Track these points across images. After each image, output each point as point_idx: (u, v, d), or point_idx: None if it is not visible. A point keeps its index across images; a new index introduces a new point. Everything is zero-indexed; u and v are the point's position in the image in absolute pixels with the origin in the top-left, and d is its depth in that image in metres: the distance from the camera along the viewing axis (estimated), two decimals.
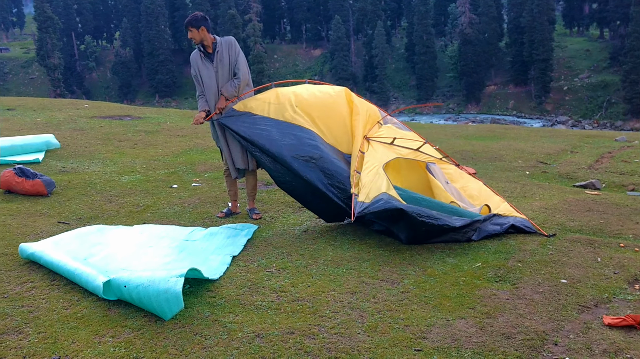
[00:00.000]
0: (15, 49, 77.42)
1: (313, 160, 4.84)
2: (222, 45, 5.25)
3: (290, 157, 4.84)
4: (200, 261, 4.27)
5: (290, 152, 4.86)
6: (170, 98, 66.41)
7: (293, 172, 4.85)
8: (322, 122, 5.13)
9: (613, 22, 57.18)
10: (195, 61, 5.31)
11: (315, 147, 4.92)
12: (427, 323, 3.27)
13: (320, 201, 4.91)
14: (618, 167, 8.29)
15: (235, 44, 5.31)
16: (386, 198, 4.41)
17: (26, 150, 8.85)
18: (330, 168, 4.84)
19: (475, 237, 4.64)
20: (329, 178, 4.81)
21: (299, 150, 4.88)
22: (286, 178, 4.95)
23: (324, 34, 73.48)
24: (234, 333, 3.17)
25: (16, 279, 3.98)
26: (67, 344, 3.07)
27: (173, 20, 70.70)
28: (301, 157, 4.85)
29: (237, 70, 5.25)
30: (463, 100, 59.98)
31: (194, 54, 5.33)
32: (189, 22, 5.18)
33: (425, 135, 12.13)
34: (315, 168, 4.82)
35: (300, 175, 4.82)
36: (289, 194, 5.19)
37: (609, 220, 5.31)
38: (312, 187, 4.81)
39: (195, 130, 11.96)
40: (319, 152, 4.90)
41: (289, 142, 4.92)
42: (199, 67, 5.28)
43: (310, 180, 4.79)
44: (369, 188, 4.57)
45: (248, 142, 5.02)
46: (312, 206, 5.12)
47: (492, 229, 4.72)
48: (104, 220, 5.50)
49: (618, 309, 3.45)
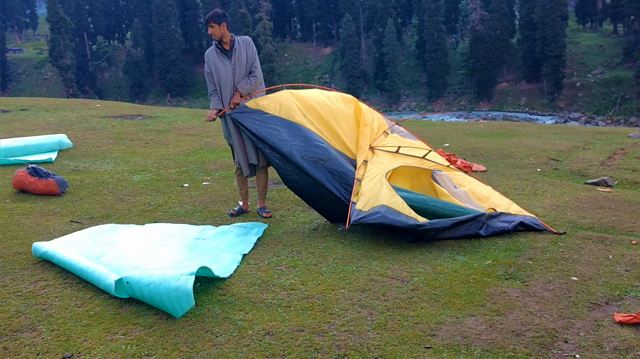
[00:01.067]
0: (29, 49, 78.18)
1: (321, 161, 4.93)
2: (240, 43, 5.34)
3: (300, 157, 4.93)
4: (211, 259, 4.30)
5: (300, 152, 4.95)
6: (182, 97, 66.72)
7: (302, 171, 4.92)
8: (330, 129, 5.23)
9: (627, 17, 56.44)
10: (211, 57, 5.34)
11: (323, 149, 5.02)
12: (436, 321, 3.27)
13: (327, 201, 4.97)
14: (631, 163, 8.21)
15: (252, 43, 5.43)
16: (384, 211, 4.47)
17: (39, 149, 8.95)
18: (339, 170, 4.93)
19: (483, 232, 4.65)
20: (337, 179, 4.90)
21: (308, 151, 4.97)
22: (294, 177, 5.01)
23: (334, 32, 73.38)
24: (244, 331, 3.19)
25: (30, 277, 4.04)
26: (80, 342, 3.11)
27: (184, 20, 71.00)
28: (310, 158, 4.94)
29: (254, 68, 5.36)
30: (474, 97, 59.62)
31: (209, 50, 5.36)
32: (212, 18, 5.22)
33: (435, 133, 12.05)
34: (323, 169, 4.91)
35: (309, 175, 4.89)
36: (295, 192, 5.24)
37: (621, 217, 5.27)
38: (321, 187, 4.88)
39: (205, 129, 12.03)
40: (327, 154, 5.00)
41: (299, 144, 5.01)
42: (215, 63, 5.31)
43: (319, 180, 4.87)
44: (369, 196, 4.63)
45: (258, 139, 5.08)
46: (319, 206, 5.16)
47: (501, 226, 4.72)
48: (115, 219, 5.56)
49: (629, 306, 3.42)
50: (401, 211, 4.53)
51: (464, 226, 4.63)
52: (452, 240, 4.61)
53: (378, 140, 5.33)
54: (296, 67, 71.38)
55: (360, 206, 4.58)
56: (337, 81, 68.14)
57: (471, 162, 8.20)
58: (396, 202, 4.58)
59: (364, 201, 4.62)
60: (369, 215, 4.48)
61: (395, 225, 4.44)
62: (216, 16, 5.23)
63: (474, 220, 4.67)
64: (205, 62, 5.42)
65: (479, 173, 7.52)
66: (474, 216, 4.68)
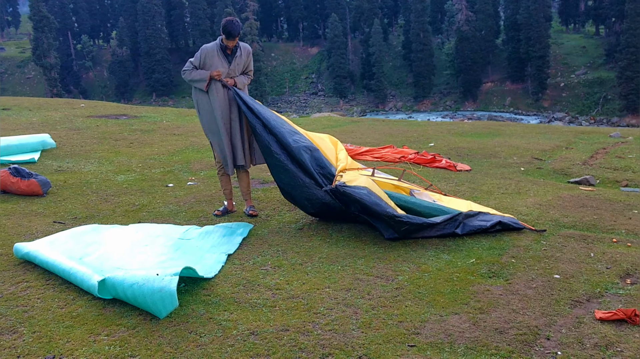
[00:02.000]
0: (11, 48, 77.16)
1: (309, 150, 5.11)
2: (242, 51, 5.40)
3: (291, 139, 5.08)
4: (195, 259, 4.29)
5: (291, 136, 5.12)
6: (167, 97, 66.30)
7: (289, 152, 5.04)
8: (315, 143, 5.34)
9: (608, 19, 57.26)
10: (209, 52, 5.26)
11: (311, 143, 5.21)
12: (420, 319, 3.29)
13: (308, 188, 4.98)
14: (612, 162, 8.32)
15: (252, 53, 5.53)
16: (367, 191, 4.58)
17: (22, 150, 8.84)
18: (324, 161, 5.11)
19: (460, 231, 4.69)
20: (321, 168, 5.06)
21: (298, 137, 5.16)
22: (281, 157, 5.05)
23: (320, 32, 73.43)
24: (229, 331, 3.18)
25: (11, 279, 3.99)
26: (62, 343, 3.08)
27: (170, 19, 70.54)
28: (300, 142, 5.10)
29: (248, 71, 5.50)
30: (460, 98, 60.00)
31: (209, 46, 5.31)
32: (238, 33, 5.19)
33: (420, 133, 12.09)
34: (310, 157, 5.07)
35: (295, 157, 5.00)
36: (277, 175, 5.16)
37: (602, 215, 5.34)
38: (305, 172, 4.99)
39: (191, 129, 11.97)
40: (314, 147, 5.19)
41: (290, 129, 5.23)
42: (213, 60, 5.26)
43: (304, 163, 4.98)
44: (352, 178, 4.76)
45: (253, 114, 5.17)
46: (300, 191, 5.06)
47: (478, 224, 4.76)
48: (99, 219, 5.51)
49: (610, 303, 3.47)
50: (382, 197, 4.62)
51: (440, 225, 4.67)
52: (436, 239, 4.64)
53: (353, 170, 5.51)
54: (283, 66, 71.28)
55: (344, 180, 4.70)
56: (323, 81, 68.20)
57: (456, 161, 8.25)
58: (378, 190, 4.71)
59: (348, 178, 4.76)
60: (353, 187, 4.58)
61: (374, 208, 4.49)
62: (240, 29, 5.27)
63: (451, 219, 4.71)
64: (200, 53, 5.26)
65: (463, 172, 7.57)
66: (451, 216, 4.73)
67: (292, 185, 5.07)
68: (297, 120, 16.59)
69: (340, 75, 63.52)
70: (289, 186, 5.12)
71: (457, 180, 6.96)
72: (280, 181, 5.18)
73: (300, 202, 5.16)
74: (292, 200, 5.26)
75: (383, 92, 62.16)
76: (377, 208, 4.49)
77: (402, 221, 4.51)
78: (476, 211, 4.91)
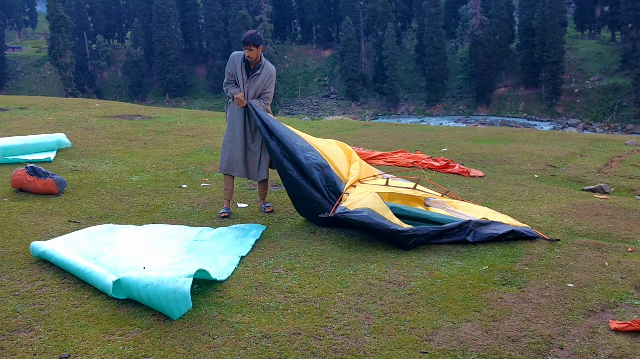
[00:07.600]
0: (28, 47, 78.13)
1: (320, 167, 5.23)
2: (265, 69, 5.41)
3: (303, 157, 5.18)
4: (208, 261, 4.31)
5: (303, 153, 5.23)
6: (181, 97, 66.73)
7: (300, 167, 5.14)
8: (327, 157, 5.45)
9: (625, 24, 56.72)
10: (235, 60, 5.42)
11: (323, 160, 5.35)
12: (433, 326, 3.28)
13: (319, 204, 5.07)
14: (627, 171, 8.24)
15: (275, 75, 5.51)
16: (368, 213, 4.56)
17: (38, 149, 8.93)
18: (334, 178, 5.25)
19: (471, 239, 4.67)
20: (331, 185, 5.18)
21: (310, 156, 5.24)
22: (293, 174, 5.17)
23: (334, 34, 73.50)
24: (241, 333, 3.20)
25: (27, 277, 4.04)
26: (77, 342, 3.12)
27: (184, 20, 71.10)
28: (312, 159, 5.21)
29: (266, 92, 5.47)
30: (473, 102, 59.78)
31: (237, 54, 5.45)
32: (251, 41, 5.21)
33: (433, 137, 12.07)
34: (320, 174, 5.19)
35: (306, 173, 5.12)
36: (287, 188, 5.30)
37: (617, 224, 5.29)
38: (314, 188, 5.10)
39: (204, 130, 12.04)
40: (326, 163, 5.33)
41: (302, 145, 5.33)
42: (236, 67, 5.42)
43: (315, 181, 5.10)
44: (355, 200, 4.79)
45: (267, 129, 5.26)
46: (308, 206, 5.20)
47: (490, 233, 4.74)
48: (114, 219, 5.56)
49: (624, 314, 3.44)
50: (385, 216, 4.62)
51: (449, 233, 4.67)
52: (449, 245, 4.63)
53: (367, 179, 5.61)
54: (296, 69, 71.44)
55: (345, 205, 4.74)
56: (336, 84, 68.23)
57: (469, 167, 8.22)
58: (382, 209, 4.69)
59: (350, 202, 4.78)
60: (353, 212, 4.58)
61: (377, 228, 4.50)
62: (256, 38, 5.24)
63: (460, 227, 4.70)
64: (229, 60, 5.47)
65: (476, 178, 7.54)
66: (460, 224, 4.72)
67: (304, 199, 5.19)
68: (310, 123, 16.61)
69: (352, 78, 63.56)
70: (301, 200, 5.24)
71: (471, 186, 6.94)
72: (292, 195, 5.30)
73: (312, 216, 5.26)
74: (305, 214, 5.35)
75: (395, 95, 62.10)
76: (380, 228, 4.52)
77: (408, 235, 4.54)
78: (489, 220, 4.89)
